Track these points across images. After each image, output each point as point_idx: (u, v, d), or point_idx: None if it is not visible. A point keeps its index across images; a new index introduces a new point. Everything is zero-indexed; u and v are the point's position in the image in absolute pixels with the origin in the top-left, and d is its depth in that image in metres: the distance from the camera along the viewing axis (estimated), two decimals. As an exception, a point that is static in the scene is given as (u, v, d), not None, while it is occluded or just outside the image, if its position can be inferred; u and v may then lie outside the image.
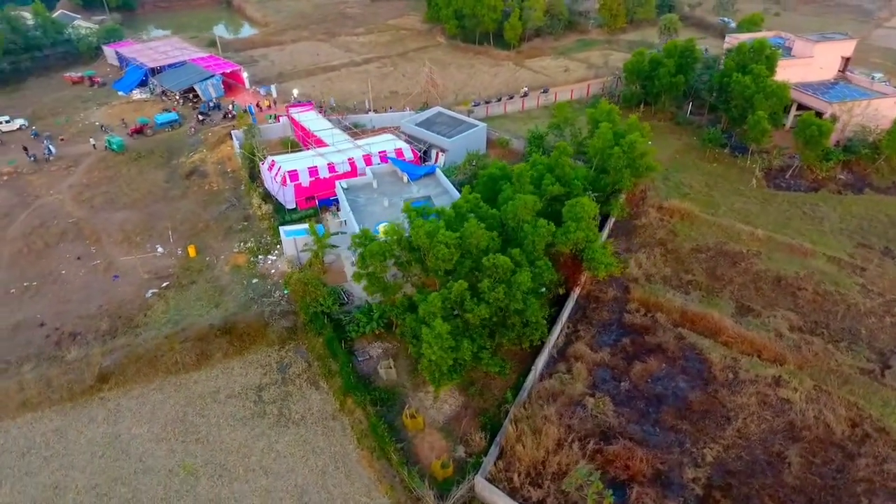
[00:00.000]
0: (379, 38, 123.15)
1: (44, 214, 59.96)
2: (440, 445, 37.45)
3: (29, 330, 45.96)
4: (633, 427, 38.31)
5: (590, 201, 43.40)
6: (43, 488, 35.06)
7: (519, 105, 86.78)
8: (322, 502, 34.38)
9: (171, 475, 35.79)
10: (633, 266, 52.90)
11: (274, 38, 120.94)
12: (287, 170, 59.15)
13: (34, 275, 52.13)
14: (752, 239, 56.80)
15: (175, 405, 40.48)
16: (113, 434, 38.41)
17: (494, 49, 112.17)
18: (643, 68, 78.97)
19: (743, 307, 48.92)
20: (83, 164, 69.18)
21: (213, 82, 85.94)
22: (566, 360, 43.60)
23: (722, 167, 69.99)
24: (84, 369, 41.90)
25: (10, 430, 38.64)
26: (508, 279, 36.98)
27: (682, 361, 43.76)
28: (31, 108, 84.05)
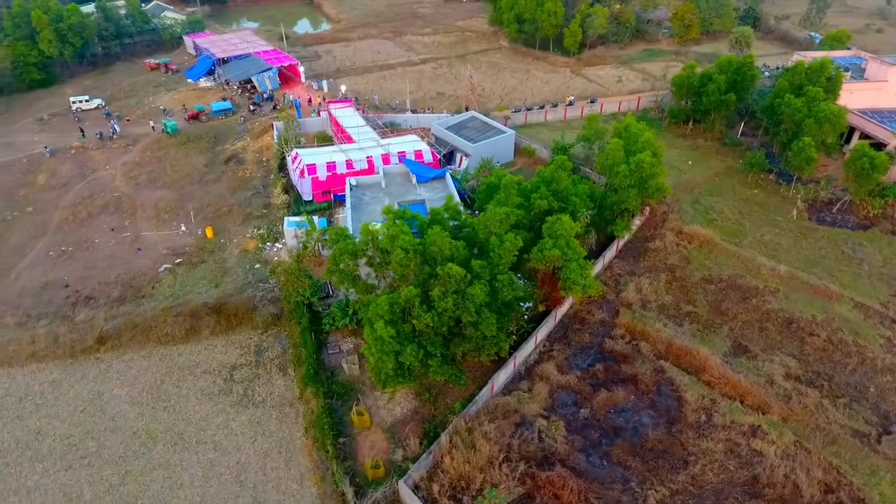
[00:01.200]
0: (443, 38, 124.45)
1: (94, 187, 66.37)
2: (381, 446, 38.11)
3: (54, 290, 51.30)
4: (578, 456, 37.04)
5: (569, 220, 42.08)
6: (28, 432, 39.30)
7: (561, 114, 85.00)
8: (257, 482, 36.13)
9: (134, 437, 38.93)
10: (630, 290, 50.75)
11: (342, 34, 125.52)
12: (306, 163, 61.79)
13: (72, 241, 57.98)
14: (771, 275, 52.66)
15: (156, 373, 43.84)
16: (97, 392, 42.27)
17: (554, 55, 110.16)
18: (692, 83, 74.85)
19: (739, 347, 45.64)
20: (140, 144, 75.68)
21: (269, 75, 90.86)
22: (531, 379, 42.78)
23: (763, 194, 65.15)
24: (87, 330, 46.33)
25: (17, 377, 43.54)
26: (462, 290, 36.87)
27: (654, 396, 41.61)
28: (110, 89, 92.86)
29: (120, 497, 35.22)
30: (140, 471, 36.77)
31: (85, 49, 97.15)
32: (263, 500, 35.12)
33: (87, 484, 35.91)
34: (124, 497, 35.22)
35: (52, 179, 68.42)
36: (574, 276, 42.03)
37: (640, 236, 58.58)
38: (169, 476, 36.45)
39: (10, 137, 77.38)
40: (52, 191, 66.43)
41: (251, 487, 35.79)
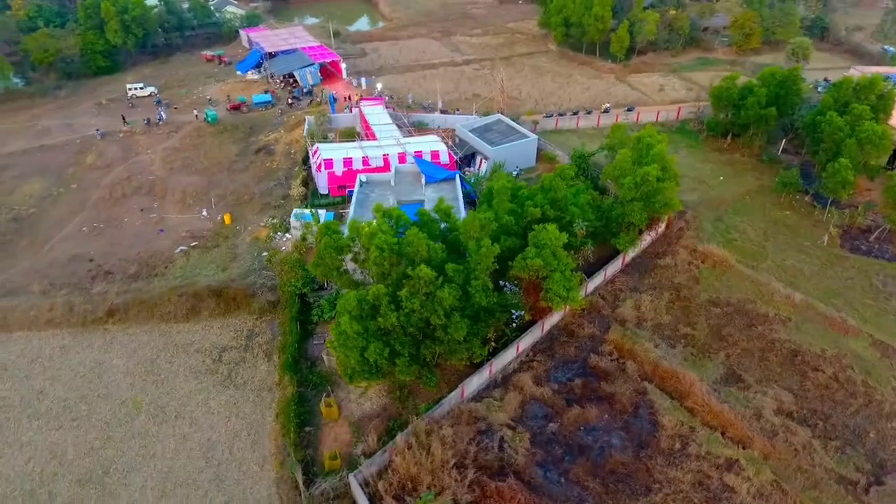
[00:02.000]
0: (492, 40, 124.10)
1: (133, 169, 70.83)
2: (344, 438, 38.90)
3: (79, 263, 55.26)
4: (536, 470, 36.44)
5: (555, 229, 41.20)
6: (32, 391, 42.72)
7: (595, 121, 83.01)
8: (222, 461, 37.75)
9: (122, 405, 41.53)
10: (627, 306, 49.19)
11: (391, 32, 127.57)
12: (324, 157, 63.52)
13: (104, 218, 62.21)
14: (785, 302, 49.61)
15: (153, 348, 46.51)
16: (98, 360, 45.34)
17: (600, 60, 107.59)
18: (732, 95, 71.27)
19: (733, 375, 43.36)
20: (182, 132, 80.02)
21: (310, 70, 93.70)
22: (506, 388, 42.36)
23: (795, 217, 61.36)
24: (100, 303, 49.70)
25: (33, 340, 47.34)
26: (432, 292, 37.00)
27: (630, 417, 40.27)
28: (165, 78, 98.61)
29: (98, 460, 37.74)
30: (121, 437, 39.24)
31: (147, 39, 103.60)
32: (224, 478, 36.69)
33: (72, 444, 38.69)
34: (102, 460, 37.70)
35: (98, 160, 73.55)
36: (556, 287, 41.28)
37: (650, 252, 56.60)
38: (145, 445, 38.70)
39: (71, 119, 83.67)
40: (97, 171, 71.42)
41: (215, 465, 37.45)
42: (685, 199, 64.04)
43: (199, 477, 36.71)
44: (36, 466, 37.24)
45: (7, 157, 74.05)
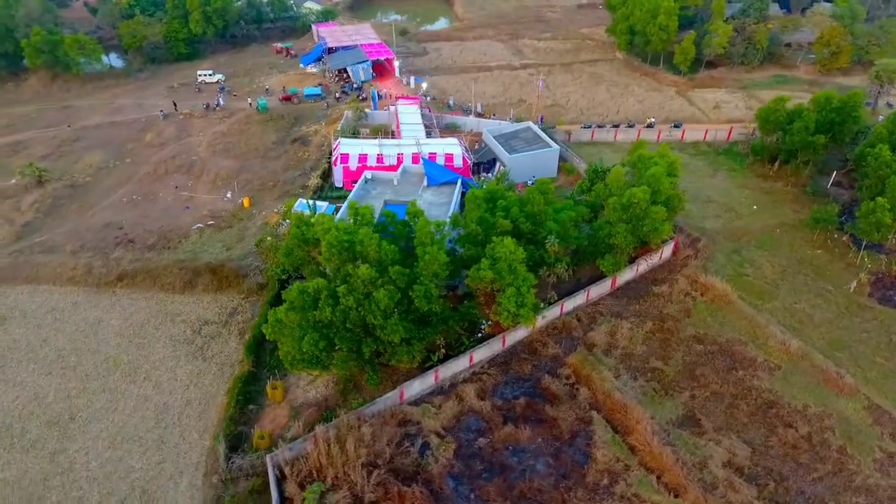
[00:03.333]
0: (558, 45, 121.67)
1: (181, 149, 77.16)
2: (281, 421, 40.75)
3: (110, 229, 61.27)
4: (448, 482, 36.30)
5: (512, 243, 40.41)
6: (38, 338, 48.27)
7: (635, 135, 79.45)
8: (170, 424, 40.84)
9: (103, 362, 45.93)
10: (600, 331, 47.27)
11: (457, 33, 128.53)
12: (341, 152, 65.93)
13: (143, 192, 68.45)
14: (779, 348, 45.51)
15: (147, 314, 50.85)
16: (99, 319, 50.33)
17: (665, 72, 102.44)
18: (779, 118, 65.65)
19: (691, 418, 40.60)
20: (233, 118, 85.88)
21: (363, 66, 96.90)
22: (448, 396, 42.32)
23: (826, 257, 55.83)
24: (114, 267, 55.02)
25: (53, 294, 53.33)
26: (370, 292, 37.83)
27: (565, 445, 38.91)
28: (235, 67, 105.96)
29: (69, 406, 42.15)
30: (94, 389, 43.52)
31: (226, 30, 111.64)
32: (166, 440, 39.72)
33: (54, 390, 43.43)
34: (72, 408, 42.05)
35: (155, 138, 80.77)
36: (507, 302, 40.69)
37: (648, 277, 53.89)
38: (110, 400, 42.69)
39: (143, 100, 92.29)
40: (151, 148, 78.49)
41: (163, 427, 40.62)
42: (706, 226, 60.52)
43: (145, 436, 40.02)
44: (19, 404, 42.28)
45: (82, 129, 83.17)
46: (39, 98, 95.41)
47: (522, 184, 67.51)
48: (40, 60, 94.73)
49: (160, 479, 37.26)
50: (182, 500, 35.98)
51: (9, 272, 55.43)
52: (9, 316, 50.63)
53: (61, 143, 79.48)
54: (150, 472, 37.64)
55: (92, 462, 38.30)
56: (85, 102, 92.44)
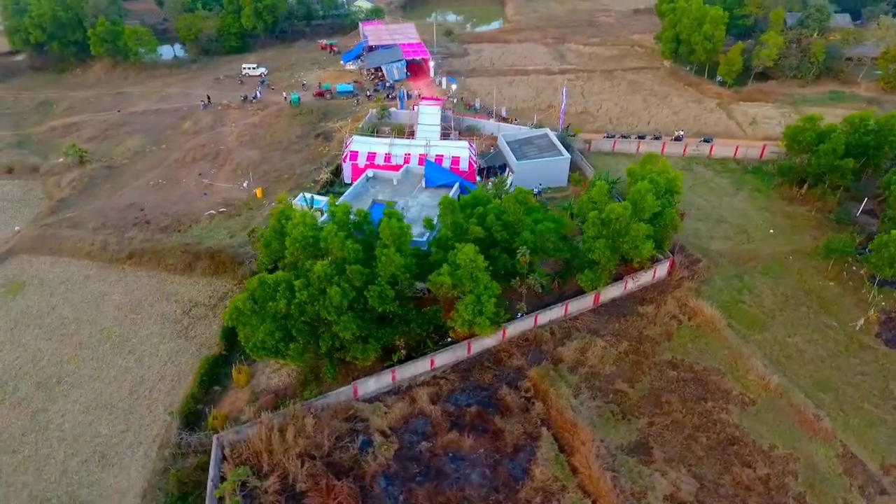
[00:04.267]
0: (604, 51, 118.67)
1: (212, 138, 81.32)
2: (239, 404, 42.57)
3: (132, 210, 65.60)
4: (380, 481, 36.83)
5: (472, 250, 40.26)
6: (48, 305, 52.58)
7: (658, 148, 76.62)
8: (141, 397, 43.57)
9: (98, 332, 49.53)
10: (572, 347, 46.27)
11: (502, 35, 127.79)
12: (351, 149, 67.52)
13: (169, 176, 72.78)
14: (758, 383, 43.00)
15: (147, 291, 54.29)
16: (103, 292, 54.22)
17: (708, 83, 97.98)
18: (808, 138, 61.49)
19: (643, 446, 39.14)
20: (267, 110, 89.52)
21: (398, 66, 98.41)
22: (402, 397, 42.78)
23: (837, 290, 52.05)
24: (126, 245, 59.00)
25: (70, 266, 57.86)
26: (324, 288, 38.89)
27: (505, 458, 38.52)
28: (279, 61, 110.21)
29: (59, 371, 45.78)
30: (83, 357, 47.04)
31: (275, 25, 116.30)
32: (134, 411, 42.43)
33: (50, 354, 47.31)
34: (61, 372, 45.65)
35: (192, 127, 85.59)
36: (462, 309, 40.70)
37: (637, 295, 52.11)
38: (95, 368, 46.03)
39: (190, 90, 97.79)
40: (187, 136, 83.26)
41: (134, 399, 43.40)
42: (711, 247, 57.81)
43: (118, 404, 42.93)
44: (17, 364, 46.37)
45: (129, 115, 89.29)
46: (100, 84, 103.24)
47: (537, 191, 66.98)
48: (103, 49, 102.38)
49: (120, 446, 39.94)
50: (133, 468, 38.44)
51: (37, 243, 60.63)
52: (28, 283, 55.46)
53: (108, 126, 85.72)
54: (113, 439, 40.42)
55: (66, 424, 41.54)
56: (137, 89, 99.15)
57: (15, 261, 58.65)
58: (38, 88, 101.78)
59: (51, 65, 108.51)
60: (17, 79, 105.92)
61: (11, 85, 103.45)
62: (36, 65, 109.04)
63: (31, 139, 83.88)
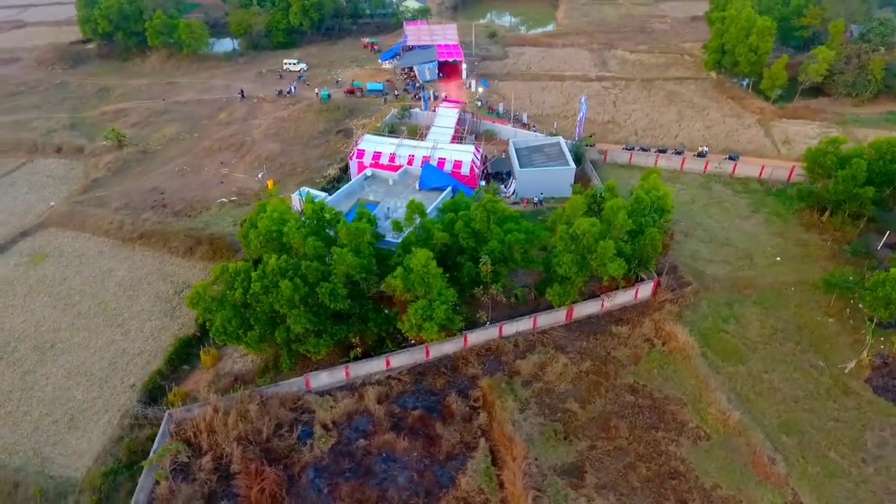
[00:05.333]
0: (651, 58, 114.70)
1: (241, 129, 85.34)
2: (202, 385, 44.94)
3: (153, 194, 70.14)
4: (308, 472, 37.98)
5: (426, 255, 40.53)
6: (60, 277, 57.30)
7: (677, 163, 73.70)
8: (119, 368, 46.84)
9: (97, 304, 53.56)
10: (531, 361, 45.65)
11: (548, 39, 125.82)
12: (359, 147, 69.14)
13: (193, 164, 77.14)
14: (717, 418, 40.90)
15: (148, 271, 58.06)
16: (111, 268, 58.45)
17: (753, 97, 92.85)
18: (828, 163, 57.34)
19: (577, 469, 38.28)
20: (298, 105, 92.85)
21: (429, 67, 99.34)
22: (351, 393, 43.76)
23: (835, 328, 48.58)
24: (139, 226, 63.26)
25: (88, 241, 62.72)
26: (276, 281, 40.46)
27: (436, 464, 38.75)
28: (320, 58, 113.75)
29: (55, 337, 49.96)
30: (79, 326, 51.11)
31: (321, 23, 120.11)
32: (109, 382, 45.66)
33: (50, 321, 51.71)
34: (56, 339, 49.80)
35: (226, 118, 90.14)
36: (411, 312, 41.18)
37: (615, 314, 50.64)
38: (86, 337, 49.90)
39: (233, 82, 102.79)
40: (220, 126, 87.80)
41: (112, 370, 46.74)
42: (707, 270, 55.33)
43: (97, 373, 46.42)
44: (22, 328, 51.00)
45: (173, 104, 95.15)
46: (155, 73, 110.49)
47: (527, 199, 66.27)
48: (159, 41, 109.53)
49: (89, 411, 43.25)
50: (95, 433, 41.54)
51: (66, 218, 66.12)
52: (49, 254, 60.66)
53: (152, 114, 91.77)
54: (85, 405, 43.81)
55: (48, 386, 45.41)
56: (186, 80, 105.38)
57: (44, 233, 64.28)
58: (100, 75, 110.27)
59: (115, 54, 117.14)
60: (84, 65, 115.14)
61: (79, 71, 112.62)
62: (103, 53, 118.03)
63: (84, 122, 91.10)
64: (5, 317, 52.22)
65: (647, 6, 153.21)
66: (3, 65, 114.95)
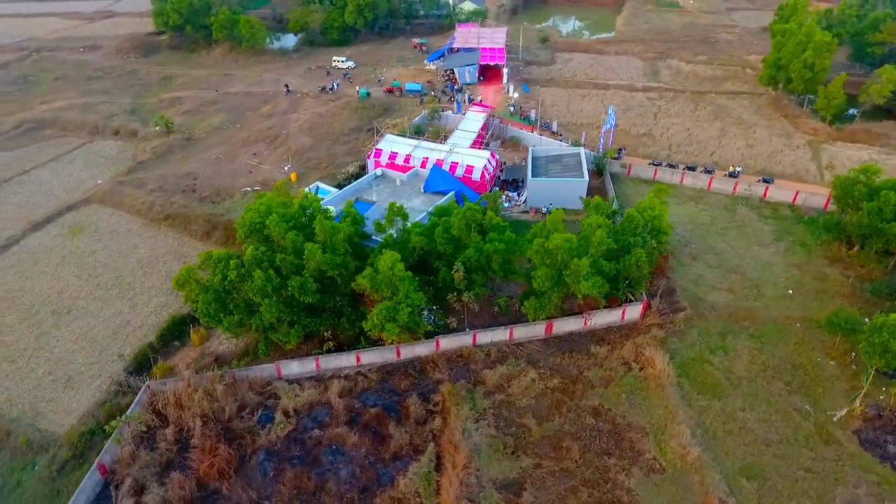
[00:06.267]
0: (707, 70, 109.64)
1: (279, 122, 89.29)
2: (186, 361, 48.00)
3: (186, 179, 74.90)
4: (260, 455, 39.78)
5: (392, 257, 41.30)
6: (91, 249, 62.61)
7: (705, 183, 70.34)
8: (119, 338, 50.78)
9: (115, 278, 58.16)
10: (498, 373, 45.56)
11: (600, 45, 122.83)
12: (377, 146, 70.84)
13: (230, 153, 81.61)
14: (677, 452, 39.27)
15: (167, 250, 62.35)
16: (135, 245, 63.24)
17: (808, 117, 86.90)
18: (858, 193, 53.11)
19: (517, 486, 37.85)
20: (338, 102, 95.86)
21: (469, 70, 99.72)
22: (318, 384, 45.30)
23: (834, 371, 45.31)
24: (166, 208, 67.92)
25: (121, 219, 68.05)
26: (250, 273, 42.62)
27: (380, 462, 39.55)
28: (370, 56, 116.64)
29: (73, 304, 54.81)
30: (96, 296, 55.75)
31: (375, 22, 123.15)
32: (108, 349, 49.64)
33: (72, 288, 56.74)
34: (73, 306, 54.61)
35: (270, 110, 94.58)
36: (375, 312, 42.19)
37: (597, 333, 49.45)
38: (99, 308, 54.39)
39: (283, 77, 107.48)
40: (262, 118, 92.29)
41: (114, 339, 50.76)
42: (707, 297, 53.01)
43: (100, 341, 50.58)
44: (47, 293, 56.31)
45: (224, 95, 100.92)
46: (215, 65, 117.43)
47: (535, 209, 65.56)
48: (222, 34, 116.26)
49: (84, 375, 47.29)
50: (85, 395, 45.40)
51: (107, 196, 72.05)
52: (86, 228, 66.40)
53: (203, 103, 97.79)
54: (82, 368, 47.94)
55: (57, 348, 50.00)
56: (242, 72, 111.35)
57: (86, 208, 70.39)
58: (167, 65, 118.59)
59: (184, 45, 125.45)
60: (155, 55, 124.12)
61: (149, 60, 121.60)
62: (173, 44, 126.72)
63: (144, 108, 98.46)
64: (36, 282, 57.82)
65: (716, 15, 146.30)
66: (87, 52, 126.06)
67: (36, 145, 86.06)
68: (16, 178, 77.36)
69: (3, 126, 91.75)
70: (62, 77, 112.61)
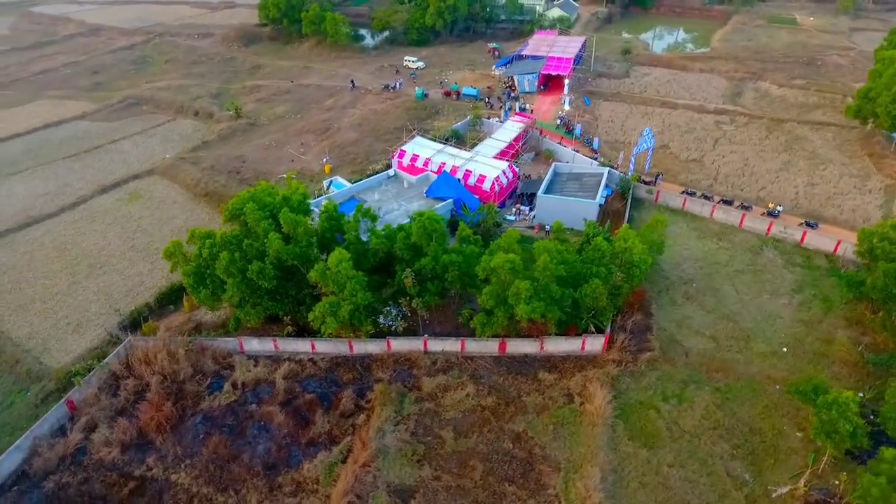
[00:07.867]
0: (799, 95, 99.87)
1: (335, 116, 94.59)
2: (173, 324, 53.60)
3: (236, 161, 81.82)
4: (197, 417, 43.84)
5: (340, 256, 43.39)
6: (138, 216, 70.97)
7: (737, 219, 64.87)
8: (133, 295, 57.46)
9: (147, 243, 65.62)
10: (435, 382, 46.25)
11: (683, 61, 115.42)
12: (402, 148, 73.18)
13: (281, 140, 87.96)
14: (580, 494, 37.87)
15: (198, 222, 68.34)
16: (174, 216, 70.76)
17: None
18: (884, 248, 46.74)
19: (406, 492, 38.70)
20: (395, 100, 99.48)
21: (529, 78, 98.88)
22: (270, 364, 48.66)
23: (800, 444, 40.97)
24: (209, 185, 75.20)
25: (173, 191, 76.22)
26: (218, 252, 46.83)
27: (296, 446, 42.03)
28: (443, 58, 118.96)
29: (107, 260, 62.82)
30: (127, 257, 63.40)
31: (454, 24, 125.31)
32: (118, 303, 56.45)
33: (112, 247, 64.88)
34: (107, 261, 62.55)
35: (332, 104, 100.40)
36: (319, 305, 44.74)
37: (553, 361, 48.28)
38: (125, 266, 61.86)
39: (355, 72, 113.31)
40: (323, 111, 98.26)
41: (127, 295, 57.56)
42: (685, 342, 49.83)
43: (114, 295, 57.56)
44: (93, 248, 64.89)
45: (298, 86, 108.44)
46: (302, 58, 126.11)
47: (539, 225, 64.46)
48: (311, 29, 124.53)
49: (91, 324, 54.45)
50: (86, 340, 52.22)
51: (167, 169, 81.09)
52: (142, 196, 75.43)
53: (277, 92, 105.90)
54: (91, 317, 55.16)
55: (80, 297, 57.89)
56: (320, 66, 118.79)
57: (148, 178, 79.80)
58: (262, 55, 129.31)
59: (281, 37, 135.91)
60: (255, 45, 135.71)
61: (249, 49, 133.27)
62: (272, 36, 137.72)
63: (228, 93, 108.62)
64: (86, 238, 67.02)
65: (834, 35, 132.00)
66: (200, 38, 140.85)
67: (131, 119, 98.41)
68: (105, 146, 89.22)
69: (112, 100, 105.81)
70: (172, 60, 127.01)
